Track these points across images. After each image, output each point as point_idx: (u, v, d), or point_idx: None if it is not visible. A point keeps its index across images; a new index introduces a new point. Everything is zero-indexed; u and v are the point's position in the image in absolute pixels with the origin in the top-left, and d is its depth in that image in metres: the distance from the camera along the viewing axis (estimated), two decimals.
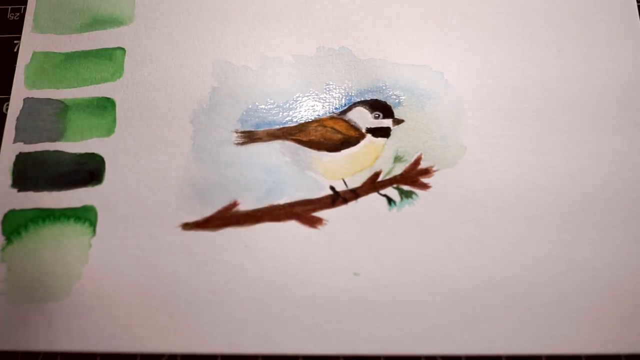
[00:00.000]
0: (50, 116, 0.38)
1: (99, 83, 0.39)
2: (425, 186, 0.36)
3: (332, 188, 0.36)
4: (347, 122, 0.38)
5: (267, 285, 0.34)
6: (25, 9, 0.42)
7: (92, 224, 0.36)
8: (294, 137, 0.37)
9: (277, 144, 0.37)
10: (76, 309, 0.33)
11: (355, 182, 0.36)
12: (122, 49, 0.40)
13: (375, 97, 0.38)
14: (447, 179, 0.36)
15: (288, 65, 0.39)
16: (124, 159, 0.37)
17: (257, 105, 0.38)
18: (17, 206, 0.36)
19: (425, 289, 0.33)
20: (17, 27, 0.41)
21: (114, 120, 0.38)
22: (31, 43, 0.40)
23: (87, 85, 0.39)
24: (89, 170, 0.37)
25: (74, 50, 0.40)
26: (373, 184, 0.36)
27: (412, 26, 0.40)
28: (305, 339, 0.32)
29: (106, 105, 0.39)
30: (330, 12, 0.41)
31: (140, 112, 0.38)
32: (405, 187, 0.36)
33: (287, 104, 0.38)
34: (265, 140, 0.37)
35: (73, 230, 0.35)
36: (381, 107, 0.38)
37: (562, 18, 0.40)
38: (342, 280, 0.34)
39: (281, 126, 0.38)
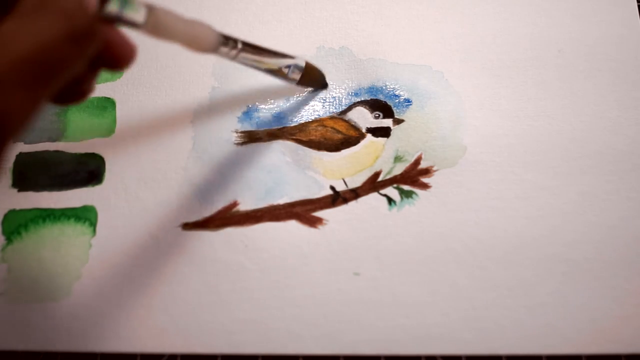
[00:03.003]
0: (50, 116, 0.38)
1: (99, 83, 0.39)
2: (425, 186, 0.36)
3: (332, 188, 0.36)
4: (347, 122, 0.38)
5: (267, 285, 0.34)
6: None
7: (92, 223, 0.36)
8: (294, 137, 0.37)
9: (277, 144, 0.37)
10: (76, 309, 0.33)
11: (356, 181, 0.36)
12: None
13: (375, 97, 0.38)
14: (447, 179, 0.36)
15: None
16: (124, 159, 0.37)
17: (257, 105, 0.38)
18: (17, 206, 0.36)
19: (425, 289, 0.33)
20: None
21: (114, 120, 0.38)
22: None
23: None
24: (89, 170, 0.37)
25: None
26: (373, 184, 0.36)
27: (412, 26, 0.40)
28: (305, 339, 0.32)
29: (106, 105, 0.39)
30: (330, 12, 0.41)
31: (140, 112, 0.38)
32: (406, 187, 0.36)
33: (288, 104, 0.38)
34: (265, 140, 0.37)
35: (73, 230, 0.35)
36: (381, 107, 0.38)
37: (563, 18, 0.40)
38: (342, 280, 0.34)
39: (281, 126, 0.38)
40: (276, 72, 0.35)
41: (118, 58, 0.26)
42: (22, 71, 0.20)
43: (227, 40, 0.31)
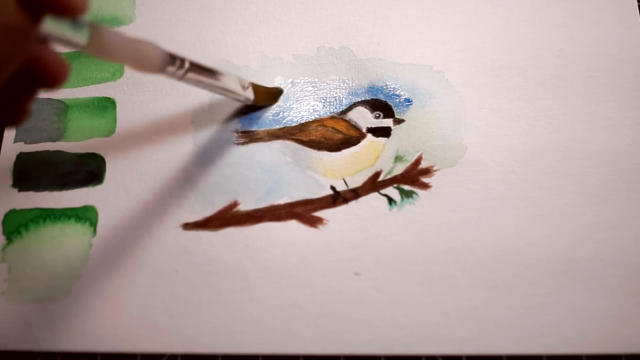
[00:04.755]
0: (50, 116, 0.38)
1: (99, 83, 0.39)
2: (425, 186, 0.36)
3: (332, 188, 0.36)
4: (348, 121, 0.38)
5: (267, 285, 0.34)
6: None
7: (93, 223, 0.36)
8: (294, 137, 0.37)
9: (277, 144, 0.37)
10: (76, 309, 0.33)
11: (356, 181, 0.36)
12: None
13: (375, 97, 0.38)
14: (447, 179, 0.36)
15: (288, 65, 0.39)
16: (124, 159, 0.37)
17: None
18: (18, 206, 0.36)
19: (425, 289, 0.33)
20: None
21: (114, 120, 0.38)
22: None
23: (88, 85, 0.39)
24: (90, 170, 0.37)
25: (74, 50, 0.40)
26: (374, 184, 0.36)
27: (412, 26, 0.40)
28: (305, 339, 0.32)
29: (106, 105, 0.39)
30: (331, 12, 0.41)
31: (141, 112, 0.38)
32: (406, 187, 0.36)
33: (288, 104, 0.38)
34: (265, 140, 0.37)
35: (73, 230, 0.35)
36: (382, 107, 0.38)
37: (563, 18, 0.40)
38: (342, 280, 0.34)
39: (281, 126, 0.38)
40: (228, 93, 0.35)
41: (50, 76, 0.25)
42: None
43: (174, 60, 0.30)
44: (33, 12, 0.23)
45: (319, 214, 0.35)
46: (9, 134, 0.38)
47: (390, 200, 0.35)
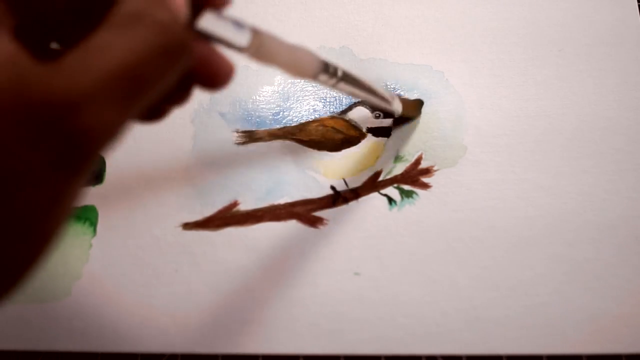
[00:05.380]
0: None
1: None
2: (425, 186, 0.36)
3: (332, 188, 0.36)
4: (348, 121, 0.38)
5: (268, 286, 0.34)
6: None
7: (93, 223, 0.36)
8: (294, 137, 0.37)
9: (277, 144, 0.37)
10: (76, 309, 0.33)
11: (356, 181, 0.36)
12: None
13: None
14: (447, 179, 0.36)
15: None
16: (124, 159, 0.37)
17: (258, 105, 0.38)
18: None
19: (425, 289, 0.33)
20: None
21: None
22: None
23: None
24: None
25: None
26: (374, 184, 0.36)
27: (412, 26, 0.40)
28: (305, 339, 0.32)
29: None
30: (330, 12, 0.41)
31: None
32: (406, 187, 0.36)
33: (288, 104, 0.38)
34: (265, 140, 0.37)
35: (73, 230, 0.35)
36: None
37: (563, 17, 0.40)
38: (343, 280, 0.34)
39: (281, 126, 0.38)
40: (378, 104, 0.33)
41: (213, 77, 0.24)
42: (114, 86, 0.19)
43: (327, 68, 0.29)
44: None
45: (319, 213, 0.35)
46: None
47: (390, 200, 0.35)
